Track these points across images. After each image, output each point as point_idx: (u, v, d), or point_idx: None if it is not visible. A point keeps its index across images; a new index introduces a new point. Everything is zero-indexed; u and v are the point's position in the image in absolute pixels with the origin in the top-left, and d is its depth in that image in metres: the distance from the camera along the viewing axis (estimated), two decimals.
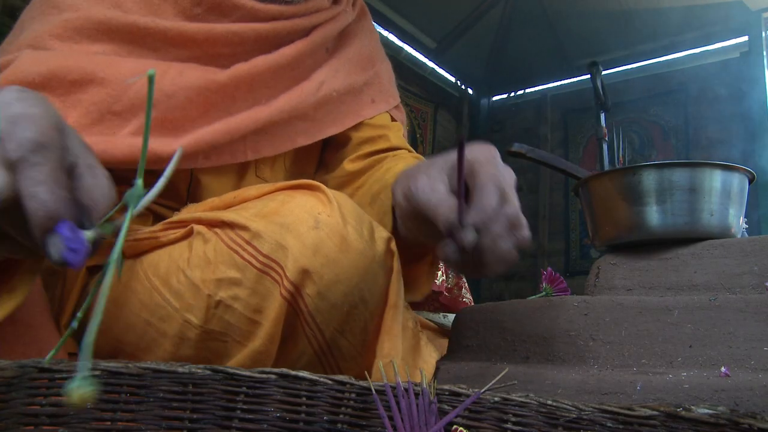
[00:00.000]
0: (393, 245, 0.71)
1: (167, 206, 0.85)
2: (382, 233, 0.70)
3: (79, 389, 0.32)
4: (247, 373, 0.47)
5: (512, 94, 4.92)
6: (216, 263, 0.67)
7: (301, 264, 0.63)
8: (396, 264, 0.71)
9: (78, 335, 0.37)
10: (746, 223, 0.88)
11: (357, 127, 0.97)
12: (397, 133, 1.01)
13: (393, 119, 1.03)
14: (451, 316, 1.01)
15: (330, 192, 0.69)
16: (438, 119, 4.67)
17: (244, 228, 0.66)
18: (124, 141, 0.73)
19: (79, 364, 0.32)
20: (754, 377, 0.62)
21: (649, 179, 0.81)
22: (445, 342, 0.98)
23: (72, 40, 0.76)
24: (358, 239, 0.66)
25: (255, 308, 0.65)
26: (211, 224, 0.70)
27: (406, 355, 0.84)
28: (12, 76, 0.70)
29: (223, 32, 0.82)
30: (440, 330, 1.07)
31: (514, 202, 0.61)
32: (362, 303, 0.67)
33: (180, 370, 0.46)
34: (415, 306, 1.14)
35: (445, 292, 2.73)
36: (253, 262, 0.65)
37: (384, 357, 0.68)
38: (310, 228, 0.64)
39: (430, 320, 1.10)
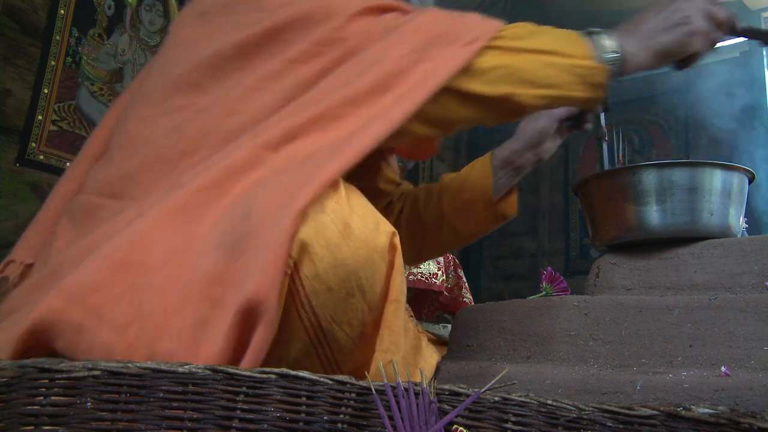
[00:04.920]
0: (396, 240, 0.71)
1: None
2: (387, 227, 0.71)
3: None
4: (247, 373, 0.47)
5: None
6: None
7: (301, 237, 0.64)
8: (398, 260, 0.71)
9: None
10: (746, 222, 0.88)
11: None
12: None
13: None
14: (450, 328, 1.02)
15: (341, 181, 0.69)
16: None
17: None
18: None
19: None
20: (754, 377, 0.62)
21: (649, 179, 0.81)
22: (444, 350, 0.97)
23: None
24: (361, 228, 0.67)
25: None
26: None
27: (408, 355, 0.84)
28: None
29: None
30: (439, 340, 1.07)
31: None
32: (360, 291, 0.67)
33: (180, 370, 0.46)
34: (415, 316, 1.15)
35: (445, 292, 2.73)
36: None
37: (384, 352, 0.68)
38: (317, 211, 0.65)
39: (429, 331, 1.10)
